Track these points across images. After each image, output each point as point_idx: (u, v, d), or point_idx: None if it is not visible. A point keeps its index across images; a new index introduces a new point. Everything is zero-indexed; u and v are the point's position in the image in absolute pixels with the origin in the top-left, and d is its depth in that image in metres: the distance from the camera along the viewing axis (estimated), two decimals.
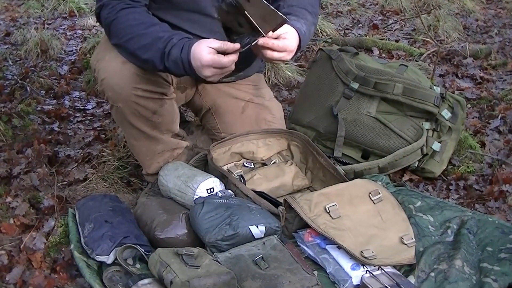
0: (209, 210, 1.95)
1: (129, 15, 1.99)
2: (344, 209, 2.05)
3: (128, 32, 1.98)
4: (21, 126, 3.05)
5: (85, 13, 5.72)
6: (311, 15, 2.24)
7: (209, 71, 1.87)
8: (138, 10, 2.03)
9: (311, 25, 2.21)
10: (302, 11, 2.20)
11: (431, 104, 2.54)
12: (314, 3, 2.32)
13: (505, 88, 3.51)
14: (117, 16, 1.98)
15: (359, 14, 5.52)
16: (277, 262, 1.80)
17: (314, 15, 2.28)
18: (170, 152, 2.34)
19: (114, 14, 1.99)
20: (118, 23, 1.99)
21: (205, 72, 1.87)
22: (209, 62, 1.85)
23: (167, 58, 1.92)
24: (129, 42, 1.98)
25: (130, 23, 1.98)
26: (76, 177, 2.58)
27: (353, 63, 2.69)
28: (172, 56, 1.91)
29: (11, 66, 4.11)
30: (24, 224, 2.18)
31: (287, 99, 3.49)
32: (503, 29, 4.86)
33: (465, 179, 2.52)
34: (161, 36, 1.94)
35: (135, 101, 2.10)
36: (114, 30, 2.01)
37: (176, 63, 1.91)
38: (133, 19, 1.99)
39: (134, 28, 1.97)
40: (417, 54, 4.18)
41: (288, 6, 2.20)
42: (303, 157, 2.50)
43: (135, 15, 2.00)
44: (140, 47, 1.96)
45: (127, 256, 1.90)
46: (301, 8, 2.21)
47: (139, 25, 1.98)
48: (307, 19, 2.18)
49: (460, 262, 1.84)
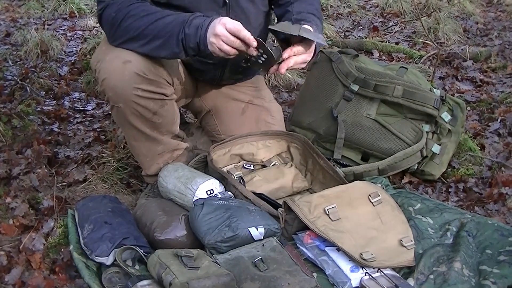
0: (209, 212, 1.95)
1: (141, 7, 2.00)
2: (344, 211, 2.05)
3: (147, 20, 1.98)
4: (21, 126, 3.05)
5: (85, 14, 5.73)
6: (319, 20, 2.27)
7: (221, 30, 1.88)
8: (147, 4, 2.04)
9: (321, 30, 2.23)
10: (312, 17, 2.22)
11: (431, 106, 2.54)
12: (318, 7, 2.36)
13: (505, 91, 3.51)
14: (128, 11, 1.99)
15: (359, 16, 5.53)
16: (276, 264, 1.80)
17: (321, 19, 2.31)
18: (170, 154, 2.34)
19: (123, 10, 1.99)
20: (131, 16, 1.99)
21: (217, 28, 1.88)
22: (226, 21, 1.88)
23: (189, 25, 1.93)
24: (149, 28, 1.98)
25: (146, 12, 1.99)
26: (75, 178, 2.57)
27: (353, 65, 2.69)
28: (194, 23, 1.93)
29: (11, 66, 4.11)
30: (24, 225, 2.17)
31: (287, 101, 3.49)
32: (503, 32, 4.86)
33: (465, 181, 2.52)
34: (184, 14, 1.97)
35: (135, 102, 2.09)
36: (126, 24, 2.00)
37: (195, 28, 1.92)
38: (148, 10, 2.00)
39: (153, 15, 1.98)
40: (417, 56, 4.18)
41: (297, 12, 2.22)
42: (302, 159, 2.50)
43: (146, 7, 2.01)
44: (163, 27, 1.96)
45: (126, 257, 1.90)
46: (310, 14, 2.23)
47: (156, 12, 1.99)
48: (317, 24, 2.19)
49: (459, 265, 1.84)
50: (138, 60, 2.05)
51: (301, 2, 2.30)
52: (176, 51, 2.00)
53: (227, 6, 2.19)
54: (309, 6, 2.28)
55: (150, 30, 1.98)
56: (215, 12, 2.16)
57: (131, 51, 2.04)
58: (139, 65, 2.05)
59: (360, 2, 6.05)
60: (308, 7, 2.27)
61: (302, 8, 2.26)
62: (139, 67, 2.05)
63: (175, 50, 1.99)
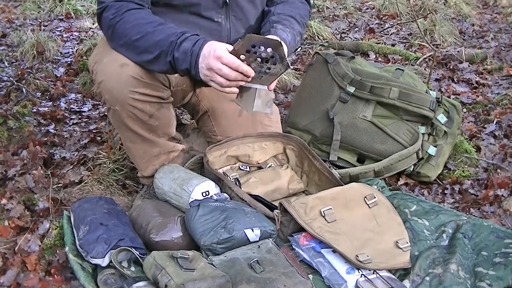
0: (205, 213, 1.95)
1: (137, 15, 1.99)
2: (340, 213, 2.05)
3: (138, 31, 1.97)
4: (17, 127, 3.04)
5: (81, 15, 5.73)
6: (299, 24, 2.27)
7: (216, 64, 1.86)
8: (144, 11, 2.04)
9: (297, 34, 2.24)
10: (290, 19, 2.23)
11: (427, 108, 2.55)
12: (304, 13, 2.36)
13: (500, 92, 3.53)
14: (123, 17, 1.98)
15: (355, 18, 5.54)
16: (272, 266, 1.80)
17: (302, 25, 2.31)
18: (166, 155, 2.33)
19: (120, 15, 1.98)
20: (125, 23, 1.98)
21: (212, 62, 1.86)
22: (221, 54, 1.85)
23: (177, 48, 1.92)
24: (140, 41, 1.98)
25: (139, 22, 1.98)
26: (71, 179, 2.57)
27: (349, 67, 2.69)
28: (183, 47, 1.91)
29: (7, 67, 4.10)
30: (19, 226, 2.17)
31: (283, 103, 3.49)
32: (499, 34, 4.88)
33: (461, 183, 2.53)
34: (174, 31, 1.94)
35: (132, 105, 2.09)
36: (120, 31, 2.00)
37: (185, 54, 1.91)
38: (142, 18, 1.99)
39: (145, 26, 1.97)
40: (413, 58, 4.19)
41: (277, 13, 2.24)
42: (298, 161, 2.50)
43: (142, 15, 2.01)
44: (153, 44, 1.95)
45: (122, 259, 1.89)
46: (289, 16, 2.24)
47: (149, 23, 1.98)
48: (294, 28, 2.21)
49: (455, 266, 1.85)
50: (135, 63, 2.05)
51: (286, 4, 2.33)
52: (166, 69, 2.01)
53: (227, 6, 2.19)
54: (292, 10, 2.30)
55: (141, 43, 1.98)
56: (215, 12, 2.17)
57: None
58: (136, 68, 2.05)
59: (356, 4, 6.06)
60: (291, 10, 2.29)
61: (284, 10, 2.27)
62: (136, 70, 2.05)
63: (164, 68, 2.01)
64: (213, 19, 2.18)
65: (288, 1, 2.36)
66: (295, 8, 2.33)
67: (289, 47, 2.12)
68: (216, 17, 2.18)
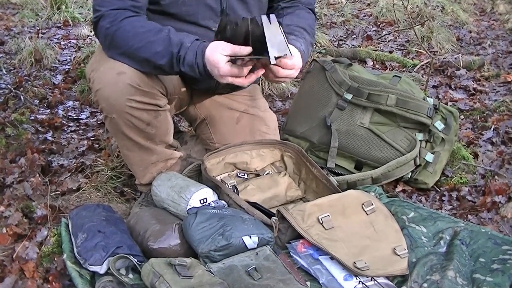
0: (202, 221, 1.95)
1: (135, 23, 2.00)
2: (337, 220, 2.05)
3: (138, 40, 1.98)
4: (15, 135, 3.04)
5: (79, 22, 5.74)
6: (309, 35, 2.28)
7: (226, 79, 1.92)
8: (141, 19, 2.04)
9: (308, 44, 2.24)
10: (301, 30, 2.24)
11: (424, 115, 2.55)
12: (312, 23, 2.37)
13: (498, 99, 3.54)
14: (121, 26, 1.98)
15: (353, 25, 5.56)
16: (270, 273, 1.80)
17: (312, 35, 2.33)
18: (163, 163, 2.33)
19: (117, 24, 1.98)
20: (123, 32, 1.99)
21: (223, 80, 1.93)
22: (226, 73, 1.90)
23: (183, 63, 1.96)
24: (140, 50, 1.99)
25: (138, 30, 1.99)
26: (69, 187, 2.57)
27: (346, 74, 2.70)
28: (188, 62, 1.95)
29: (5, 75, 4.10)
30: (17, 234, 2.16)
31: (281, 110, 3.50)
32: (496, 41, 4.90)
33: (458, 190, 2.53)
34: (172, 41, 1.96)
35: (129, 113, 2.09)
36: (118, 40, 2.00)
37: (192, 68, 1.96)
38: (140, 27, 2.00)
39: (144, 35, 1.98)
40: (410, 65, 4.20)
41: (286, 25, 2.22)
42: (296, 168, 2.50)
43: (140, 23, 2.01)
44: (154, 54, 1.97)
45: (120, 266, 1.89)
46: (299, 27, 2.25)
47: (148, 32, 1.98)
48: (305, 38, 2.21)
49: (453, 273, 1.85)
50: (132, 71, 2.05)
51: (294, 15, 2.32)
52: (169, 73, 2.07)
53: (224, 15, 2.20)
54: (301, 20, 2.30)
55: (140, 52, 1.99)
56: (212, 21, 2.17)
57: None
58: (133, 76, 2.05)
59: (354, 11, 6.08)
60: (300, 21, 2.29)
61: (294, 22, 2.27)
62: (133, 78, 2.05)
63: (167, 72, 2.08)
64: (211, 28, 2.18)
65: (295, 12, 2.36)
66: (303, 18, 2.33)
67: (304, 56, 2.11)
68: (213, 26, 2.18)
